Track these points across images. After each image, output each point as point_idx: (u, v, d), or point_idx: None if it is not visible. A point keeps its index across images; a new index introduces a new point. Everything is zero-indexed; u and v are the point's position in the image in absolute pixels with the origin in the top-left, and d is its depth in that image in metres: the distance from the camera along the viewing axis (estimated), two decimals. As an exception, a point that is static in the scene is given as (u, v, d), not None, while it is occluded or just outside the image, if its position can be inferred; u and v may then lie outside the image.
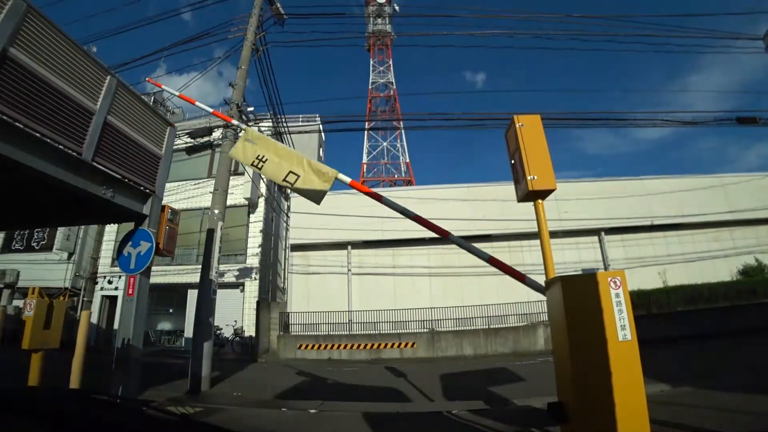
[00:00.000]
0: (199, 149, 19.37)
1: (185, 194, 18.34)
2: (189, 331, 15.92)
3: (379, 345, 13.03)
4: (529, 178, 3.32)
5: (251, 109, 10.94)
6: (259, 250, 16.32)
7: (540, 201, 3.51)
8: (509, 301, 14.46)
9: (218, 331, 14.60)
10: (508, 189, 14.49)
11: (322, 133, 38.74)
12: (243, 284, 15.89)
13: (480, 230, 15.54)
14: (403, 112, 46.63)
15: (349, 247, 15.31)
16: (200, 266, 16.82)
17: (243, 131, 4.99)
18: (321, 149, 38.15)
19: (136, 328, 6.36)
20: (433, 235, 13.19)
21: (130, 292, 6.25)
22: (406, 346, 13.11)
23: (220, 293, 16.73)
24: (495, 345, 13.60)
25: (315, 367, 11.56)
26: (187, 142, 19.58)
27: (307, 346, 13.16)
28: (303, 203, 15.96)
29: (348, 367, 11.40)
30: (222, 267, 16.82)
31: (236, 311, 15.51)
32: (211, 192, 18.34)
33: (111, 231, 18.90)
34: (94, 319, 17.52)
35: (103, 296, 17.89)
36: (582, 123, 13.67)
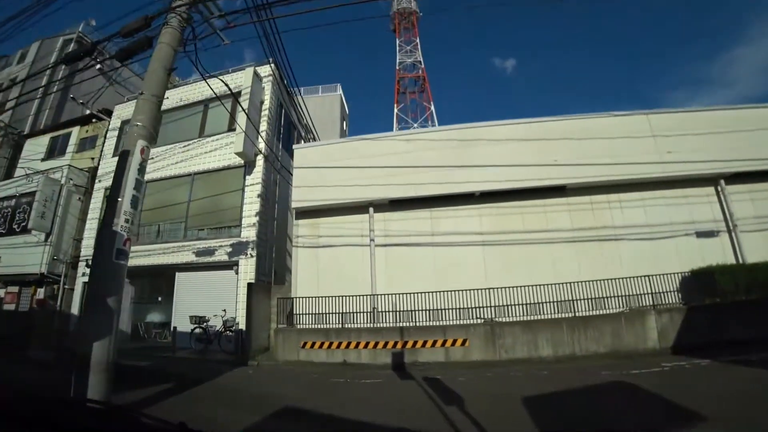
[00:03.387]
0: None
1: (172, 159, 15.02)
2: (179, 323, 12.65)
3: (415, 343, 9.05)
4: None
5: None
6: (256, 219, 12.69)
7: None
8: (600, 277, 10.06)
9: (205, 323, 11.15)
10: (589, 124, 9.66)
11: (345, 107, 35.12)
12: (237, 263, 12.35)
13: (551, 180, 11.08)
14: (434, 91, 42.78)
15: (371, 209, 11.31)
16: (190, 243, 13.57)
17: None
18: (344, 122, 34.32)
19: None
20: (487, 187, 8.71)
21: None
22: (453, 344, 9.05)
23: (210, 276, 13.30)
24: (585, 341, 9.25)
25: (320, 377, 7.75)
26: (178, 102, 16.32)
27: (314, 344, 9.39)
28: (309, 155, 12.09)
29: (369, 378, 7.51)
30: (211, 243, 13.36)
31: (230, 298, 12.03)
32: (203, 152, 15.01)
33: (96, 208, 16.01)
34: (75, 309, 14.68)
35: (84, 283, 14.96)
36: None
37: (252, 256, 12.17)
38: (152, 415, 1.34)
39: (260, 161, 13.56)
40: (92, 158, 17.73)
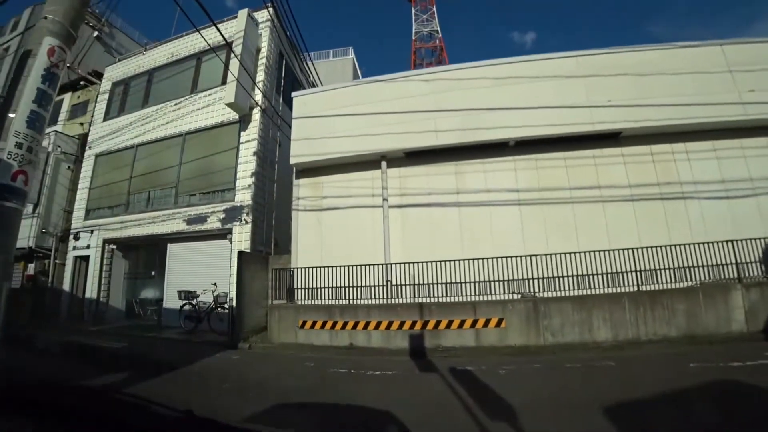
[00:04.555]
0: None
1: (163, 119, 13.41)
2: (170, 299, 11.29)
3: (438, 323, 7.30)
4: None
5: None
6: (251, 181, 11.00)
7: None
8: (663, 243, 8.06)
9: (194, 300, 9.68)
10: (650, 57, 7.08)
11: (358, 71, 32.81)
12: (231, 231, 10.76)
13: (603, 125, 8.93)
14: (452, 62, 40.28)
15: (384, 163, 9.42)
16: (181, 210, 12.02)
17: None
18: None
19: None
20: (524, 134, 6.74)
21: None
22: (486, 324, 7.26)
23: (203, 246, 11.72)
24: (652, 322, 7.32)
25: (317, 366, 6.11)
26: (169, 58, 14.62)
27: (314, 323, 7.76)
28: (310, 103, 10.21)
29: (379, 368, 5.81)
30: (202, 209, 11.75)
31: (224, 270, 10.52)
32: (195, 110, 13.30)
33: (86, 177, 14.68)
34: (66, 285, 13.52)
35: (75, 257, 13.78)
36: None
37: (247, 222, 10.54)
38: (158, 401, 1.27)
39: (257, 115, 11.77)
40: (81, 124, 16.31)
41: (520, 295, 7.88)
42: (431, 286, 8.04)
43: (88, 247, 13.45)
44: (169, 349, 7.84)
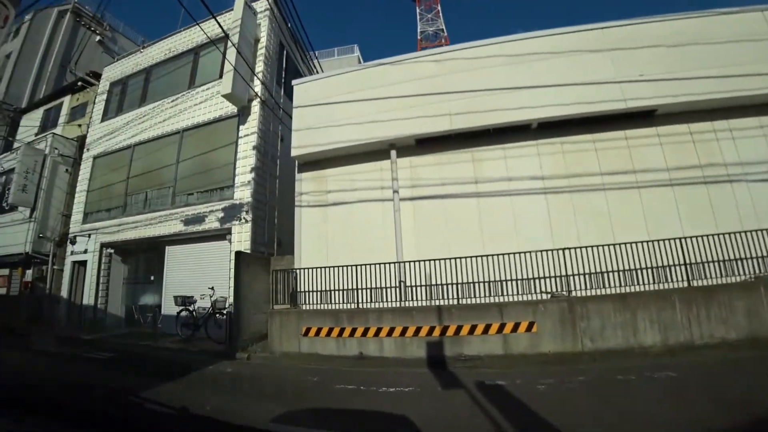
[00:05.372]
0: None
1: (160, 117, 12.77)
2: (167, 306, 10.60)
3: (459, 328, 6.40)
4: None
5: None
6: (251, 177, 10.24)
7: None
8: (707, 231, 7.07)
9: (191, 305, 8.94)
10: (685, 26, 6.21)
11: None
12: (230, 231, 10.01)
13: (636, 102, 7.95)
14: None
15: (393, 152, 8.57)
16: (178, 210, 11.28)
17: None
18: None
19: None
20: (547, 114, 5.87)
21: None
22: (515, 329, 6.34)
23: (201, 248, 10.92)
24: (707, 323, 6.33)
25: (321, 382, 5.27)
26: (167, 54, 14.02)
27: (319, 330, 6.93)
28: (312, 91, 9.42)
29: (393, 383, 4.95)
30: (200, 208, 11.00)
31: (224, 273, 9.77)
32: (192, 105, 12.59)
33: (84, 179, 14.13)
34: (64, 292, 12.94)
35: (73, 262, 13.20)
36: None
37: (246, 221, 9.77)
38: (154, 399, 1.26)
39: (256, 107, 11.03)
40: (79, 125, 15.78)
41: (549, 295, 6.95)
42: (449, 286, 7.14)
43: (85, 251, 12.85)
44: (158, 360, 7.10)
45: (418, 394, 4.49)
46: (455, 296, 7.05)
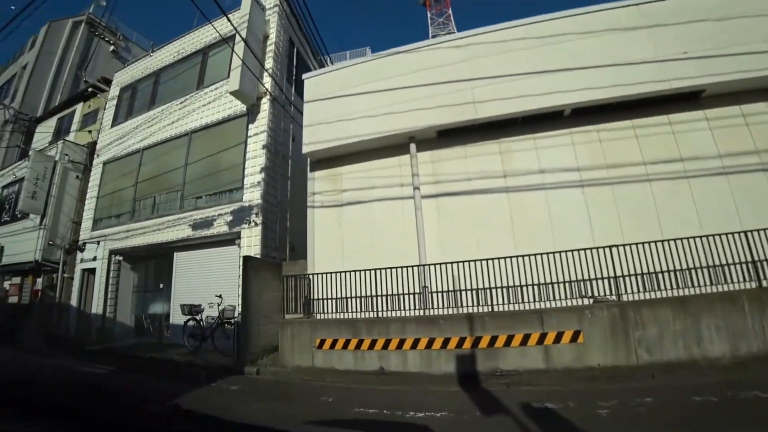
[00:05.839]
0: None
1: (168, 120, 12.39)
2: (175, 316, 10.08)
3: (493, 339, 5.63)
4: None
5: None
6: (261, 177, 9.67)
7: None
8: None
9: (199, 315, 8.38)
10: None
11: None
12: (239, 235, 9.44)
13: (680, 82, 7.09)
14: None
15: (413, 145, 7.88)
16: (186, 214, 10.75)
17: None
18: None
19: None
20: (581, 98, 5.11)
21: None
22: (557, 339, 5.54)
23: (208, 254, 10.21)
24: (784, 330, 5.43)
25: (335, 403, 4.57)
26: (175, 57, 13.68)
27: (335, 342, 6.24)
28: (323, 84, 8.84)
29: (422, 408, 4.20)
30: (208, 212, 10.45)
31: (233, 280, 9.19)
32: (201, 106, 12.12)
33: (95, 185, 13.85)
34: (74, 300, 12.59)
35: (83, 270, 12.85)
36: None
37: (256, 224, 9.18)
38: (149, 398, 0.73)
39: (265, 105, 10.50)
40: (90, 131, 15.57)
41: (592, 300, 6.12)
42: (478, 291, 6.38)
43: (94, 258, 12.49)
44: (158, 376, 6.50)
45: (455, 422, 3.75)
46: (486, 303, 6.28)
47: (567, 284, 6.17)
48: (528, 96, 7.32)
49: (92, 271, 12.63)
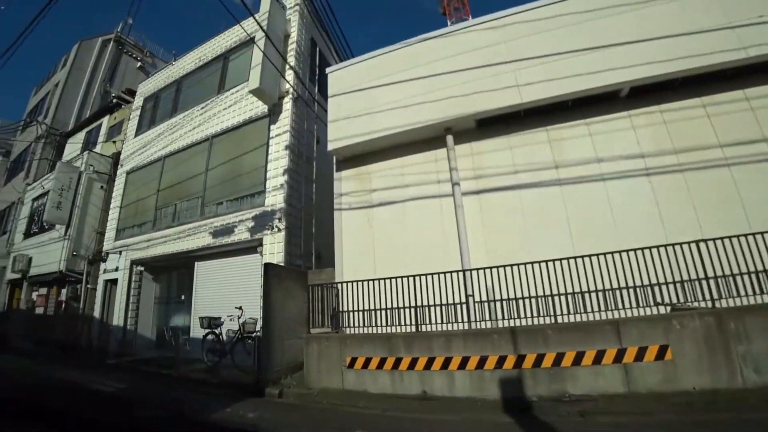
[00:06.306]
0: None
1: (190, 126, 12.08)
2: (195, 329, 9.52)
3: (559, 357, 4.69)
4: None
5: None
6: (284, 179, 9.06)
7: None
8: None
9: (218, 328, 7.76)
10: None
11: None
12: (261, 242, 8.82)
13: (757, 50, 6.01)
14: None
15: (450, 137, 7.08)
16: (207, 221, 10.17)
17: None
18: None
19: None
20: (638, 76, 4.02)
21: None
22: (639, 356, 4.55)
23: (229, 263, 9.32)
24: None
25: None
26: (197, 63, 13.48)
27: (368, 361, 5.43)
28: (348, 78, 8.19)
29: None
30: (229, 218, 9.92)
31: (254, 291, 8.57)
32: (222, 109, 11.69)
33: (118, 195, 13.67)
34: (97, 311, 12.30)
35: (105, 281, 12.58)
36: None
37: (279, 229, 8.54)
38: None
39: (288, 104, 9.96)
40: (114, 142, 15.51)
41: (669, 308, 5.10)
42: (538, 299, 5.46)
43: (116, 269, 12.18)
44: (169, 396, 5.84)
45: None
46: (546, 312, 5.35)
47: (640, 288, 5.17)
48: (578, 75, 6.42)
49: (115, 281, 12.34)
